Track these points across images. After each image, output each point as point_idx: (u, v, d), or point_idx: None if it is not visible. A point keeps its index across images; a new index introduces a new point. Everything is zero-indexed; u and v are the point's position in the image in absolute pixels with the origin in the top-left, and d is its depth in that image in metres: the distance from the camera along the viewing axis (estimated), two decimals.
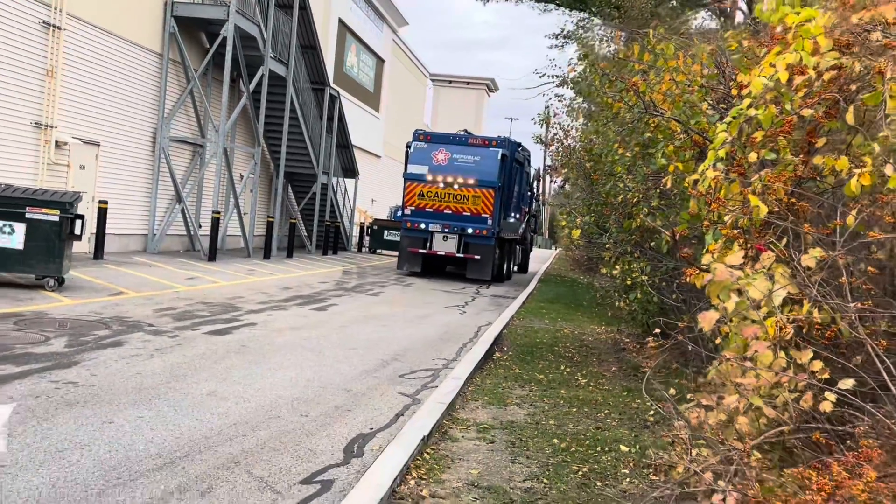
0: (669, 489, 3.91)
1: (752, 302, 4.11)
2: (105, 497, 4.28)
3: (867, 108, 4.11)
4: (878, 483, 3.02)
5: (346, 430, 6.03)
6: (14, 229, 11.57)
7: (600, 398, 7.93)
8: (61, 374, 6.83)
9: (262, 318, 11.35)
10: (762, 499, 3.34)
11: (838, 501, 3.03)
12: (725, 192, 4.77)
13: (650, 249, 8.79)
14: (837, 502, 3.03)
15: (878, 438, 3.37)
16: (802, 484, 3.28)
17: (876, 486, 3.00)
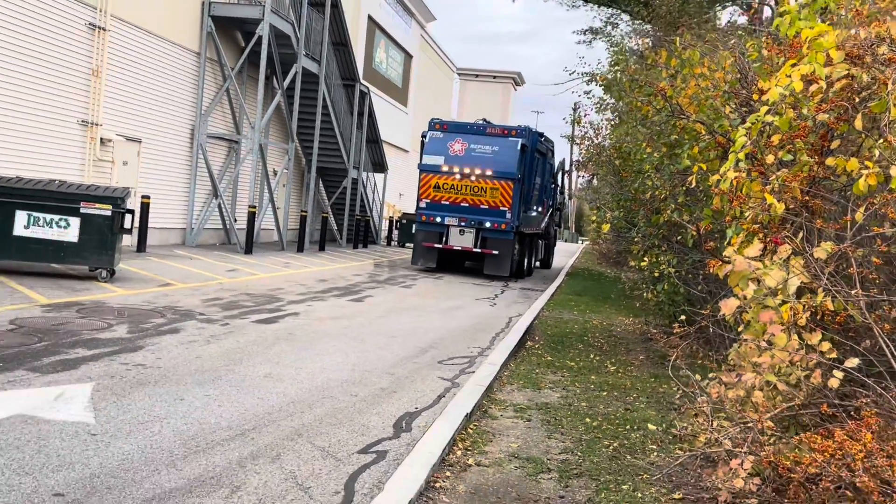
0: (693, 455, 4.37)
1: (768, 290, 4.56)
2: (189, 461, 4.83)
3: (874, 114, 4.53)
4: (874, 444, 3.47)
5: (393, 409, 6.55)
6: (69, 223, 12.19)
7: (629, 383, 8.41)
8: (129, 357, 7.42)
9: (303, 309, 11.91)
10: (773, 459, 3.81)
11: (839, 459, 3.49)
12: (747, 190, 5.22)
13: (677, 243, 9.22)
14: (838, 460, 3.49)
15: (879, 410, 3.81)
16: (809, 447, 3.73)
17: (872, 447, 3.45)
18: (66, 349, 7.50)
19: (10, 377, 6.32)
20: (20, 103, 14.87)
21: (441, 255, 21.51)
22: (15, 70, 14.65)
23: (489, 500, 4.68)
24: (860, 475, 3.30)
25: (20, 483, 4.25)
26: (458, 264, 23.03)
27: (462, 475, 5.09)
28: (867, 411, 3.79)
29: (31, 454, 4.69)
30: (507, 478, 5.09)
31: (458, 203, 20.92)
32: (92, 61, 16.91)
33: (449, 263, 22.30)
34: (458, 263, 22.97)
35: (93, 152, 17.17)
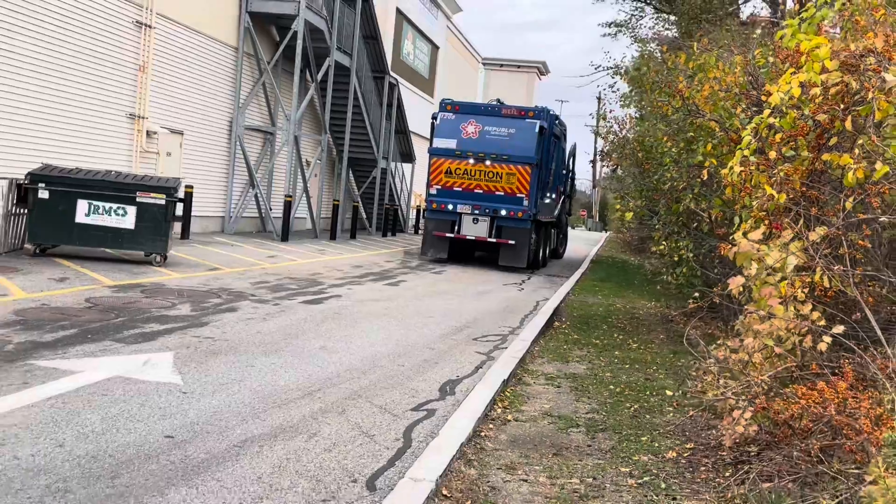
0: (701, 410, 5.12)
1: (768, 268, 5.28)
2: (269, 414, 5.65)
3: (861, 116, 5.23)
4: (847, 392, 4.19)
5: (437, 377, 7.35)
6: (126, 211, 13.08)
7: (649, 358, 9.16)
8: (198, 332, 8.27)
9: (344, 292, 12.73)
10: (766, 405, 4.55)
11: (819, 404, 4.21)
12: (755, 182, 5.94)
13: (694, 230, 9.93)
14: (818, 404, 4.21)
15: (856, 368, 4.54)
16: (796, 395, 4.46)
17: (845, 394, 4.18)
18: (141, 324, 8.36)
19: (100, 346, 7.18)
20: (74, 98, 15.77)
21: (452, 246, 20.21)
22: (69, 67, 15.54)
23: (527, 446, 5.47)
24: (834, 415, 4.02)
25: (135, 428, 5.09)
26: (470, 255, 21.74)
27: (502, 427, 5.88)
28: (847, 368, 4.51)
29: (137, 407, 5.53)
30: (541, 430, 5.87)
31: (471, 189, 19.56)
32: (139, 57, 17.79)
33: (460, 254, 20.97)
34: (470, 254, 21.69)
35: (139, 144, 18.08)
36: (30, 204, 12.66)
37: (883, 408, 3.93)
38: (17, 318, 7.96)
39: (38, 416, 5.11)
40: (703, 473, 4.99)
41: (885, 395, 4.02)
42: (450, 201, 19.66)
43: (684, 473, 5.04)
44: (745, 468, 4.74)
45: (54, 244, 13.11)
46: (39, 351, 6.77)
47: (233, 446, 4.93)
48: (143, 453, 4.66)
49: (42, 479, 4.14)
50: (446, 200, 19.70)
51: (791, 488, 4.27)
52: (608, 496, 4.65)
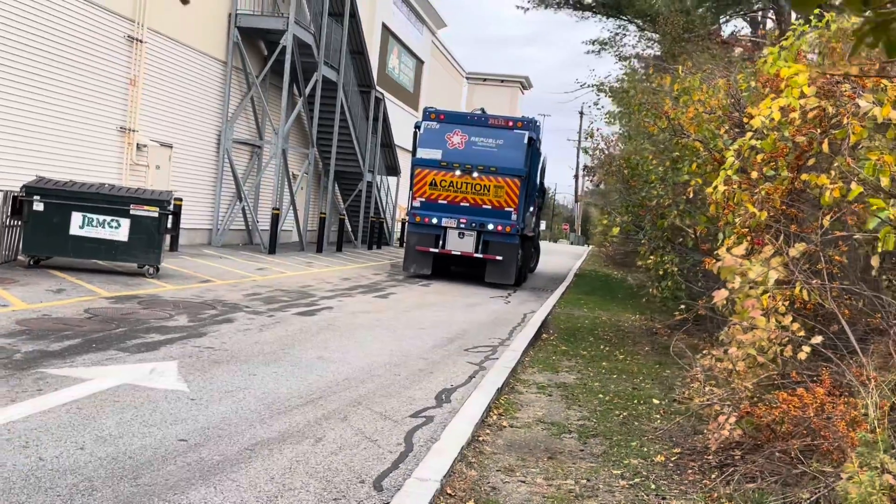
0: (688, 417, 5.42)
1: (750, 282, 5.60)
2: (275, 419, 5.89)
3: (837, 139, 5.57)
4: (825, 398, 4.50)
5: (432, 386, 7.61)
6: (120, 224, 13.27)
7: (636, 369, 9.47)
8: (198, 342, 8.48)
9: (335, 303, 12.97)
10: (750, 410, 4.85)
11: (798, 408, 4.52)
12: (737, 200, 6.27)
13: (679, 245, 10.26)
14: (797, 408, 4.52)
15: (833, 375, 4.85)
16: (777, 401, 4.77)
17: (823, 399, 4.49)
18: (142, 334, 8.57)
19: (106, 356, 7.39)
20: (66, 111, 15.94)
21: (436, 261, 19.37)
22: (62, 80, 15.72)
23: (523, 450, 5.74)
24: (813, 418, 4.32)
25: (150, 432, 5.31)
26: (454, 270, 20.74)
27: (499, 433, 6.15)
28: (824, 376, 4.82)
29: (149, 412, 5.75)
30: (535, 436, 6.15)
31: (457, 202, 18.73)
32: (130, 71, 17.99)
33: (443, 270, 20.16)
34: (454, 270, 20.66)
35: (130, 157, 18.25)
36: (24, 216, 12.82)
37: (857, 411, 4.23)
38: (22, 329, 8.15)
39: (56, 421, 5.33)
40: (691, 475, 5.28)
41: (860, 400, 4.32)
42: (434, 214, 18.84)
43: (672, 475, 5.33)
44: (729, 470, 5.03)
45: (48, 256, 13.27)
46: (48, 360, 6.97)
47: (244, 449, 5.17)
48: (160, 455, 4.88)
49: (69, 479, 4.36)
50: (431, 214, 18.88)
51: (773, 488, 4.57)
52: (601, 496, 4.92)
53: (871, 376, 4.37)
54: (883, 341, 5.07)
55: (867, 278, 5.86)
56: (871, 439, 3.79)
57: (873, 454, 3.71)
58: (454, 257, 19.12)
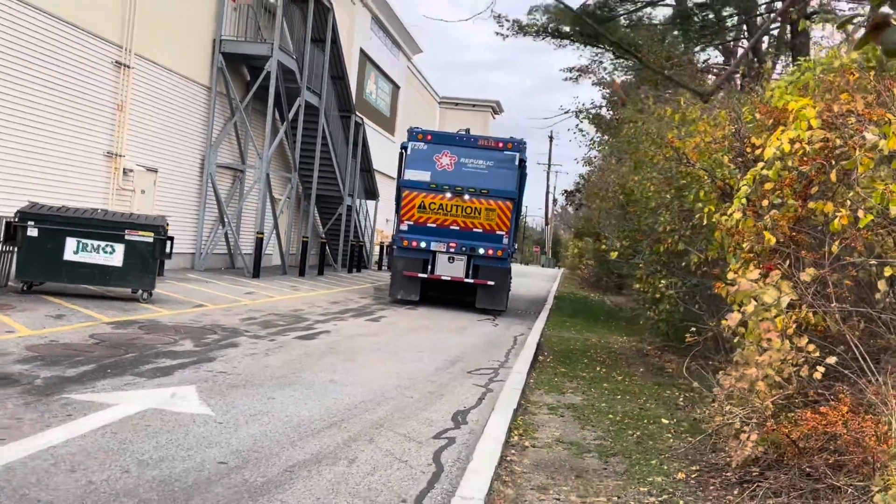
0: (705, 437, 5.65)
1: (764, 306, 5.87)
2: (306, 442, 6.02)
3: (846, 170, 5.88)
4: (848, 415, 4.75)
5: (446, 408, 7.77)
6: (115, 249, 13.28)
7: (637, 389, 9.71)
8: (210, 366, 8.57)
9: (331, 327, 13.08)
10: (774, 428, 5.09)
11: (823, 425, 4.76)
12: (744, 226, 6.56)
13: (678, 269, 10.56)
14: (823, 425, 4.76)
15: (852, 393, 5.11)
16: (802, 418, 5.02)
17: (847, 416, 4.74)
18: (153, 359, 8.63)
19: (123, 381, 7.46)
20: (54, 137, 15.92)
21: (424, 287, 18.83)
22: (50, 105, 15.72)
23: (550, 469, 5.92)
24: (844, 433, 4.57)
25: (189, 455, 5.42)
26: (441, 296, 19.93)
27: (523, 453, 6.34)
28: (843, 394, 5.08)
29: (182, 436, 5.85)
30: (558, 455, 6.34)
31: (446, 226, 18.28)
32: (117, 96, 18.03)
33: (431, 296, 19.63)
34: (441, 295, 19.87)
35: (116, 182, 18.25)
36: (18, 241, 12.79)
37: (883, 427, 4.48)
38: (34, 355, 8.18)
39: (95, 445, 5.41)
40: (713, 492, 5.50)
41: (883, 416, 4.58)
42: (423, 238, 18.30)
43: (696, 492, 5.54)
44: (752, 486, 5.26)
45: (42, 281, 13.23)
46: (69, 385, 7.03)
47: (283, 471, 5.29)
48: (205, 478, 4.99)
49: (125, 502, 4.46)
50: (419, 237, 18.33)
51: (798, 502, 4.79)
52: None
53: (891, 394, 4.63)
54: (894, 361, 5.35)
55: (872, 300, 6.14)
56: None
57: None
58: (443, 283, 18.61)
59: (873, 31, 1.83)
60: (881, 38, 1.81)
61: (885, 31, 1.81)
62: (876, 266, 5.76)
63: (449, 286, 18.92)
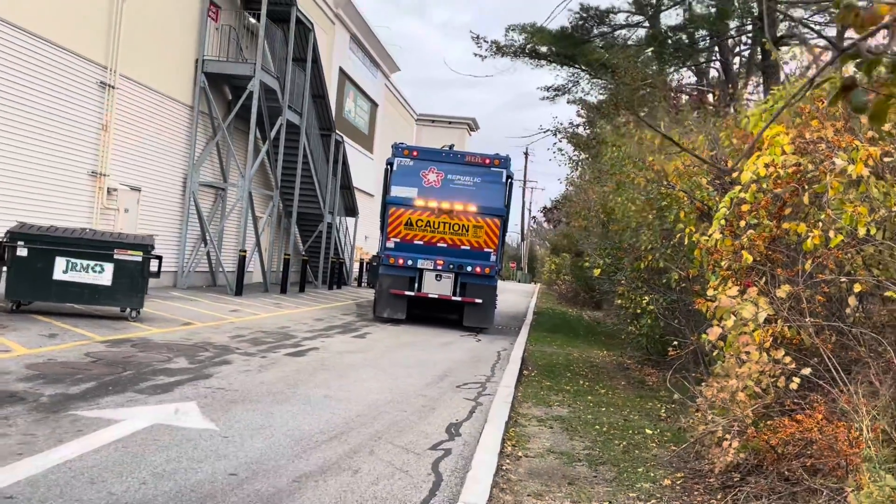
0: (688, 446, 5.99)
1: (743, 320, 6.24)
2: (310, 454, 6.28)
3: (817, 193, 6.28)
4: (823, 422, 5.11)
5: (440, 421, 8.06)
6: (104, 268, 13.45)
7: (620, 402, 10.05)
8: (207, 383, 8.79)
9: (319, 344, 13.32)
10: (755, 435, 5.44)
11: (800, 432, 5.12)
12: (723, 245, 6.94)
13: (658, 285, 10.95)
14: (799, 432, 5.12)
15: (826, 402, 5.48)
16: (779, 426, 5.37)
17: (821, 423, 5.10)
18: (151, 376, 8.84)
19: (126, 398, 7.68)
20: (39, 157, 16.06)
21: (410, 305, 18.59)
22: (36, 126, 15.88)
23: (543, 477, 6.23)
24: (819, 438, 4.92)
25: (200, 467, 5.66)
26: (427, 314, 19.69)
27: (518, 462, 6.64)
28: (818, 403, 5.45)
29: (191, 450, 6.09)
30: (550, 465, 6.65)
31: (434, 243, 18.06)
32: (102, 117, 18.21)
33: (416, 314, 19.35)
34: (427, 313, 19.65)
35: (101, 201, 18.39)
36: (7, 261, 12.92)
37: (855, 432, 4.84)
38: (35, 373, 8.37)
39: (109, 459, 5.64)
40: (698, 497, 5.84)
41: (855, 423, 4.93)
42: (410, 256, 18.13)
43: (682, 497, 5.88)
44: (734, 491, 5.60)
45: (30, 301, 13.35)
46: (74, 402, 7.24)
47: (292, 481, 5.55)
48: (219, 489, 5.25)
49: None
50: (406, 255, 18.16)
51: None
52: None
53: (861, 402, 4.99)
54: (864, 372, 5.72)
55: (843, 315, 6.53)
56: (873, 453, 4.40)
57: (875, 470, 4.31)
58: (430, 301, 18.37)
59: (843, 91, 2.18)
60: (850, 98, 2.16)
61: (853, 91, 2.16)
62: (846, 283, 6.14)
63: (435, 304, 18.70)
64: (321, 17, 32.46)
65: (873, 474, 4.27)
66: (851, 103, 2.16)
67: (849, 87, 2.17)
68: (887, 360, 5.20)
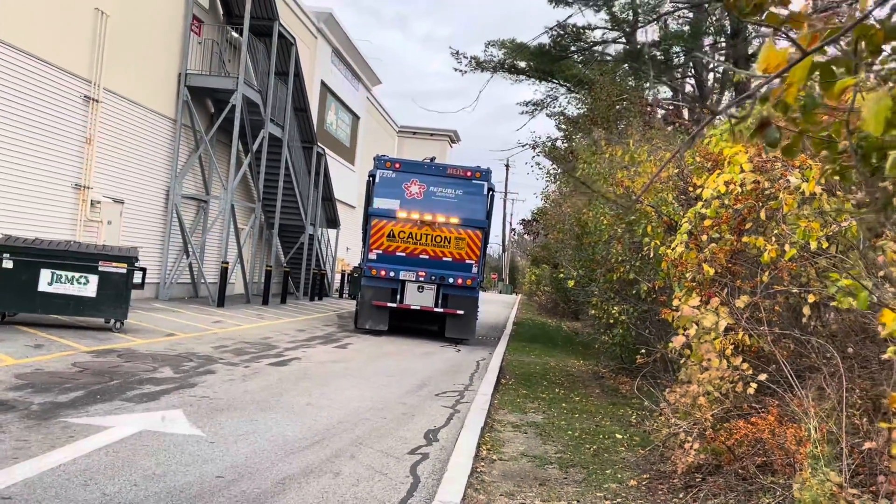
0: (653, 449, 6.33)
1: (704, 329, 6.60)
2: (293, 458, 6.56)
3: (773, 209, 6.66)
4: (775, 423, 5.47)
5: (418, 427, 8.36)
6: (88, 280, 13.65)
7: (593, 409, 10.39)
8: (192, 391, 9.04)
9: (301, 354, 13.58)
10: (713, 437, 5.79)
11: (754, 433, 5.47)
12: (687, 258, 7.31)
13: (629, 296, 11.34)
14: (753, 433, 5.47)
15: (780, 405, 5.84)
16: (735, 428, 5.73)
17: (773, 425, 5.45)
18: (137, 385, 9.09)
19: (113, 406, 7.92)
20: (21, 168, 16.22)
21: (392, 316, 18.76)
22: (19, 139, 16.06)
23: (516, 478, 6.55)
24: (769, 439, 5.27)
25: (188, 470, 5.93)
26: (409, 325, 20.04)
27: (492, 465, 6.96)
28: (772, 406, 5.81)
29: (178, 454, 6.36)
30: (523, 467, 6.97)
31: (416, 255, 18.26)
32: (86, 130, 18.41)
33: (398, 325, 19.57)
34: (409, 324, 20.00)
35: (84, 213, 18.56)
36: None
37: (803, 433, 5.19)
38: (24, 382, 8.59)
39: (100, 463, 5.90)
40: (662, 496, 6.18)
41: (803, 425, 5.29)
42: (392, 267, 18.30)
43: (647, 496, 6.21)
44: (694, 490, 5.94)
45: (15, 312, 13.52)
46: (63, 410, 7.48)
47: (276, 483, 5.84)
48: (207, 490, 5.52)
49: None
50: (388, 266, 18.31)
51: (735, 501, 5.48)
52: None
53: (811, 405, 5.35)
54: (814, 377, 6.09)
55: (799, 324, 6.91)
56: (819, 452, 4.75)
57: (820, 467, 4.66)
58: (412, 312, 18.56)
59: (759, 129, 2.53)
60: (764, 134, 2.50)
61: (768, 129, 2.51)
62: (801, 293, 6.52)
63: (417, 315, 18.89)
64: (303, 31, 32.78)
65: (816, 471, 4.62)
66: (765, 139, 2.50)
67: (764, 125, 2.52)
68: (835, 365, 5.56)
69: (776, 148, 2.55)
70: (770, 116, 2.57)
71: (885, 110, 2.03)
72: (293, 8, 31.24)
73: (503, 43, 27.21)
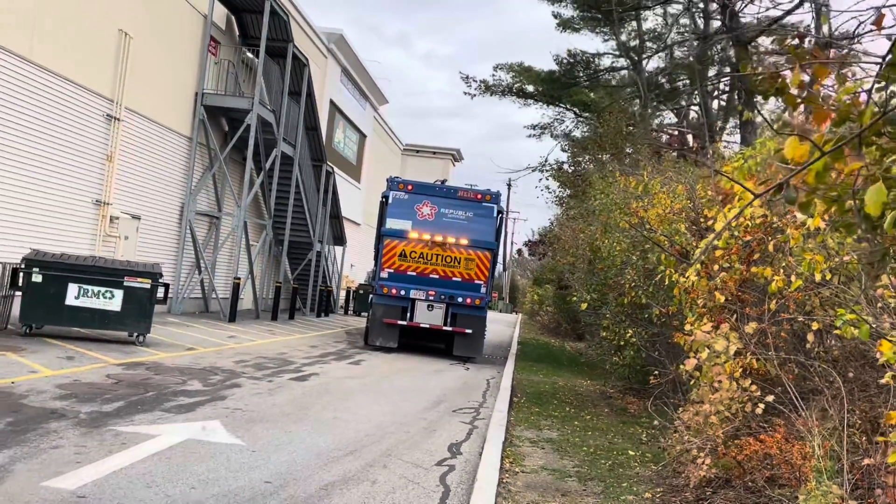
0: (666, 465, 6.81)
1: (715, 353, 7.09)
2: (331, 467, 7.03)
3: (780, 242, 7.17)
4: (782, 441, 5.95)
5: (441, 440, 8.83)
6: (114, 294, 14.15)
7: (604, 427, 10.87)
8: (225, 404, 9.52)
9: (318, 370, 14.05)
10: (724, 453, 6.27)
11: (763, 449, 5.95)
12: (699, 286, 7.82)
13: (640, 319, 11.84)
14: (762, 449, 5.95)
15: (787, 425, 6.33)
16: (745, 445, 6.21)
17: (780, 442, 5.94)
18: (172, 397, 9.56)
19: (155, 416, 8.39)
20: (44, 184, 16.71)
21: (402, 334, 19.31)
22: (45, 156, 16.58)
23: (539, 490, 7.02)
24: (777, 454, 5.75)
25: (237, 476, 6.40)
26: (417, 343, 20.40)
27: (516, 476, 7.43)
28: (779, 426, 6.30)
29: (225, 461, 6.83)
30: (544, 479, 7.45)
31: (426, 274, 18.83)
32: (107, 148, 18.96)
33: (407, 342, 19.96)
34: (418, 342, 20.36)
35: (103, 229, 19.07)
36: (22, 287, 13.59)
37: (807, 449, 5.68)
38: (67, 392, 9.06)
39: (157, 468, 6.37)
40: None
41: (808, 441, 5.77)
42: (403, 286, 18.82)
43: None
44: (706, 502, 6.41)
45: (43, 325, 13.99)
46: (111, 419, 7.95)
47: (320, 489, 6.31)
48: (259, 493, 5.99)
49: None
50: (399, 285, 18.85)
51: None
52: None
53: (815, 425, 5.83)
54: (818, 399, 6.58)
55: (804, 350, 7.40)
56: (822, 467, 5.23)
57: (823, 480, 5.14)
58: (421, 330, 19.07)
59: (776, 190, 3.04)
60: (783, 194, 3.02)
61: (786, 190, 3.02)
62: (805, 321, 7.02)
63: (426, 333, 19.41)
64: (314, 52, 33.44)
65: (820, 484, 5.10)
66: (784, 198, 3.02)
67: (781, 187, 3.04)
68: (837, 388, 6.05)
69: (793, 205, 3.07)
70: (784, 184, 3.09)
71: (882, 197, 2.57)
72: (305, 29, 31.90)
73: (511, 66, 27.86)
